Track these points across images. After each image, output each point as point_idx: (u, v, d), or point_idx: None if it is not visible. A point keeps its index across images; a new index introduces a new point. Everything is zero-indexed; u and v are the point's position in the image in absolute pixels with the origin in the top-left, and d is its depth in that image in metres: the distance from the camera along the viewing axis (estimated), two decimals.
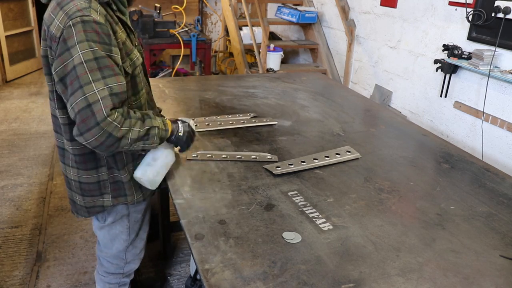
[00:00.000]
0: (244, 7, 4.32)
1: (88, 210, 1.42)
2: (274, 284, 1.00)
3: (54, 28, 1.14)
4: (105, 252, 1.60)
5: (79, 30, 1.11)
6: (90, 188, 1.37)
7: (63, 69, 1.12)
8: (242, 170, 1.55)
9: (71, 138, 1.27)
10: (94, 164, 1.34)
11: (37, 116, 4.52)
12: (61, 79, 1.14)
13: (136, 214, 1.54)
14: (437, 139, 1.99)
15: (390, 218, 1.31)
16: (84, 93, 1.10)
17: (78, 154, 1.32)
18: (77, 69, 1.10)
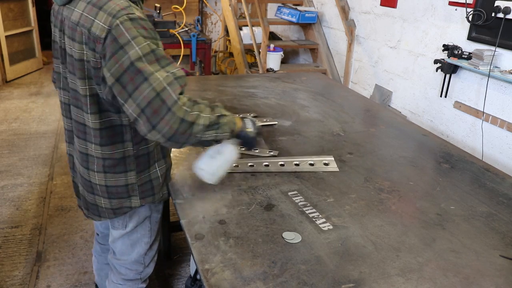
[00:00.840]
0: (244, 7, 4.32)
1: (114, 212, 1.40)
2: (274, 284, 1.00)
3: (97, 29, 1.12)
4: (123, 260, 1.54)
5: (129, 27, 1.11)
6: (118, 191, 1.35)
7: (119, 68, 1.10)
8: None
9: (104, 142, 1.27)
10: (123, 168, 1.32)
11: (37, 116, 4.53)
12: (117, 79, 1.11)
13: (157, 214, 1.52)
14: (437, 139, 1.99)
15: (390, 218, 1.31)
16: (150, 83, 1.10)
17: (108, 158, 1.30)
18: (137, 64, 1.10)
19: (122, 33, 1.10)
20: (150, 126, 1.12)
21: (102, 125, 1.25)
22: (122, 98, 1.13)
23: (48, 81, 5.81)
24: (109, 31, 1.10)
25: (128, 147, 1.31)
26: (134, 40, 1.10)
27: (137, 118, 1.13)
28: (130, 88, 1.11)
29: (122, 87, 1.12)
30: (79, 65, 1.19)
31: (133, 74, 1.10)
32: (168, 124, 1.12)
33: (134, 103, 1.11)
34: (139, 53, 1.10)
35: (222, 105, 1.31)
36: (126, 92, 1.12)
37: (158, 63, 1.14)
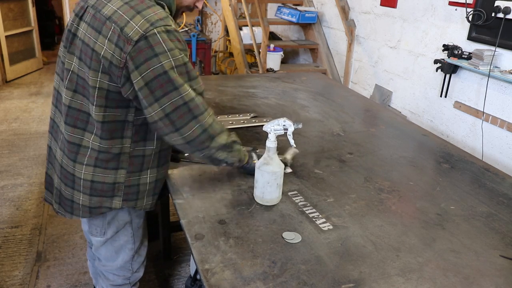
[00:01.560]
0: (244, 7, 4.32)
1: (90, 210, 1.36)
2: (274, 284, 1.00)
3: (131, 31, 1.14)
4: (109, 266, 1.54)
5: (165, 39, 1.16)
6: (103, 188, 1.34)
7: (150, 74, 1.15)
8: (242, 170, 1.55)
9: (105, 136, 1.27)
10: (116, 165, 1.32)
11: (37, 116, 4.53)
12: (147, 83, 1.16)
13: (138, 220, 1.50)
14: (437, 139, 1.99)
15: (390, 218, 1.31)
16: (180, 93, 1.18)
17: (104, 151, 1.29)
18: (169, 74, 1.16)
19: (159, 42, 1.15)
20: (174, 128, 1.21)
21: (105, 119, 1.25)
22: (148, 101, 1.18)
23: (48, 81, 5.81)
24: (143, 36, 1.14)
25: (126, 144, 1.30)
26: (170, 52, 1.16)
27: (157, 120, 1.20)
28: (158, 94, 1.17)
29: (150, 92, 1.17)
30: (96, 57, 1.19)
31: (163, 82, 1.16)
32: (192, 129, 1.22)
33: (159, 107, 1.18)
34: (172, 64, 1.17)
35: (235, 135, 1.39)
36: (153, 96, 1.17)
37: (187, 75, 1.21)
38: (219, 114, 2.09)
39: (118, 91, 1.21)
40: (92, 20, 1.21)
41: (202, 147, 1.27)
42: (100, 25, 1.18)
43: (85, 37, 1.22)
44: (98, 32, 1.19)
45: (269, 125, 1.34)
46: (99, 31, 1.18)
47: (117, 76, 1.18)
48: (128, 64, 1.15)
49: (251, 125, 1.97)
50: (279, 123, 1.34)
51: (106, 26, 1.17)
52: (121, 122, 1.27)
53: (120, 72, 1.17)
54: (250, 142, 1.80)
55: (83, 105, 1.27)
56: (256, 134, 1.89)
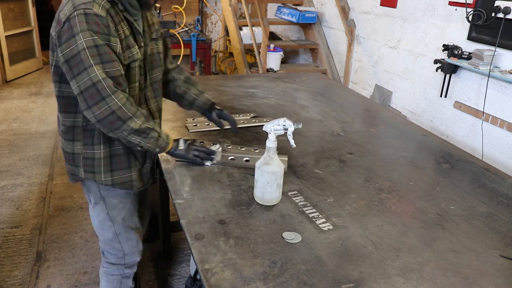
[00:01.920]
0: (244, 7, 4.32)
1: (72, 177, 1.55)
2: (274, 284, 1.00)
3: (62, 15, 1.30)
4: (102, 241, 1.68)
5: (81, 21, 1.27)
6: (68, 157, 1.51)
7: (69, 52, 1.29)
8: (242, 170, 1.55)
9: (61, 110, 1.45)
10: (72, 137, 1.47)
11: (37, 116, 4.53)
12: (66, 61, 1.30)
13: (111, 199, 1.58)
14: (437, 139, 1.99)
15: (390, 218, 1.31)
16: (88, 74, 1.28)
17: (62, 124, 1.47)
18: (81, 54, 1.28)
19: (75, 24, 1.28)
20: (86, 105, 1.32)
21: (60, 94, 1.43)
22: (68, 77, 1.32)
23: (48, 81, 5.81)
24: (67, 19, 1.28)
25: (79, 118, 1.44)
26: (82, 33, 1.28)
27: (76, 96, 1.33)
28: (74, 71, 1.30)
29: (69, 68, 1.31)
30: (51, 39, 1.37)
31: (77, 61, 1.29)
32: (100, 109, 1.31)
33: (76, 84, 1.31)
34: (84, 45, 1.28)
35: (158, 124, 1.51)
36: (71, 73, 1.31)
37: (99, 57, 1.30)
38: None
39: None
40: None
41: (113, 127, 1.35)
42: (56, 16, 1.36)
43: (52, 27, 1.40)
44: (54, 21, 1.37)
45: (269, 125, 1.34)
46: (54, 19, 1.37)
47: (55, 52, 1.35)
48: (57, 42, 1.31)
49: (251, 125, 1.97)
50: (279, 123, 1.34)
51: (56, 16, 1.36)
52: (74, 98, 1.38)
53: (55, 48, 1.34)
54: (250, 142, 1.80)
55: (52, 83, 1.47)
56: (256, 134, 1.89)
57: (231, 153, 1.66)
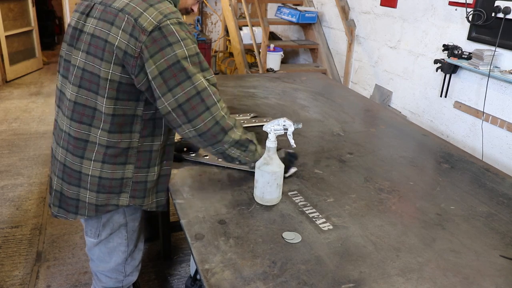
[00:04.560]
0: (244, 7, 4.32)
1: (97, 208, 1.35)
2: (274, 284, 1.00)
3: (145, 22, 1.17)
4: (102, 267, 1.52)
5: (179, 30, 1.19)
6: (111, 184, 1.32)
7: (164, 63, 1.17)
8: (242, 170, 1.55)
9: (113, 130, 1.26)
10: (124, 160, 1.31)
11: (37, 116, 4.53)
12: (161, 73, 1.18)
13: (133, 223, 1.49)
14: (437, 139, 1.99)
15: (390, 218, 1.31)
16: (192, 82, 1.19)
17: (112, 146, 1.28)
18: (182, 63, 1.18)
19: (172, 32, 1.18)
20: (186, 119, 1.21)
21: (116, 112, 1.25)
22: (161, 91, 1.19)
23: (48, 81, 5.81)
24: (157, 27, 1.16)
25: (134, 138, 1.30)
26: (183, 41, 1.19)
27: (170, 111, 1.21)
28: (171, 83, 1.18)
29: (163, 81, 1.18)
30: (109, 48, 1.20)
31: (176, 71, 1.18)
32: (204, 121, 1.22)
33: (172, 97, 1.19)
34: (186, 53, 1.19)
35: (255, 135, 1.40)
36: (166, 86, 1.18)
37: (200, 66, 1.23)
38: None
39: (130, 83, 1.22)
40: (102, 14, 1.23)
41: (215, 140, 1.26)
42: (112, 17, 1.20)
43: (95, 30, 1.23)
44: (111, 24, 1.20)
45: (269, 125, 1.34)
46: (111, 22, 1.20)
47: (131, 66, 1.19)
48: (143, 53, 1.17)
49: (251, 125, 1.97)
50: (279, 123, 1.34)
51: (119, 18, 1.19)
52: (131, 116, 1.27)
53: (135, 61, 1.18)
54: None
55: (89, 100, 1.26)
56: (256, 134, 1.88)
57: None
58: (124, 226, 1.46)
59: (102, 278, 1.55)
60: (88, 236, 1.46)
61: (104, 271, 1.53)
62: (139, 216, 1.50)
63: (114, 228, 1.44)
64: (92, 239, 1.46)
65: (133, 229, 1.49)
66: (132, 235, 1.50)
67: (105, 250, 1.48)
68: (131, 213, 1.45)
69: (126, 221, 1.45)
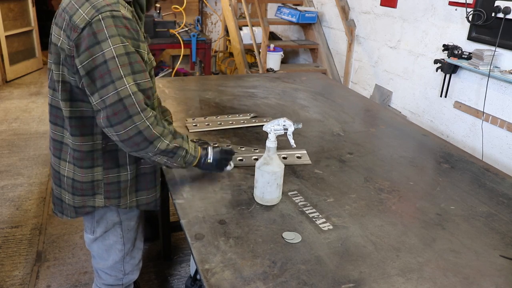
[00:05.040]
0: (244, 7, 4.32)
1: (76, 210, 1.35)
2: (274, 284, 1.00)
3: (78, 19, 1.12)
4: (102, 264, 1.53)
5: (109, 25, 1.11)
6: (82, 187, 1.31)
7: (91, 63, 1.11)
8: (242, 170, 1.55)
9: (74, 132, 1.25)
10: (91, 163, 1.29)
11: (37, 116, 4.53)
12: (87, 73, 1.12)
13: (129, 222, 1.48)
14: (437, 139, 1.99)
15: (390, 218, 1.31)
16: (115, 87, 1.11)
17: (78, 150, 1.27)
18: (109, 63, 1.11)
19: (101, 29, 1.10)
20: (109, 123, 1.14)
21: (72, 114, 1.23)
22: (90, 90, 1.15)
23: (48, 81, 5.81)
24: (88, 23, 1.10)
25: (98, 140, 1.27)
26: (111, 39, 1.11)
27: (100, 110, 1.15)
28: (98, 84, 1.12)
29: (91, 81, 1.13)
30: (55, 50, 1.20)
31: (103, 72, 1.11)
32: (125, 129, 1.14)
33: (99, 98, 1.13)
34: (113, 53, 1.11)
35: (186, 136, 1.33)
36: (94, 86, 1.13)
37: (130, 67, 1.14)
38: (219, 114, 2.09)
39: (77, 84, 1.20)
40: (56, 18, 1.23)
41: (137, 148, 1.19)
42: (59, 19, 1.20)
43: (51, 35, 1.24)
44: (56, 25, 1.20)
45: (269, 125, 1.34)
46: (57, 24, 1.20)
47: (70, 65, 1.17)
48: (74, 52, 1.13)
49: (251, 125, 1.97)
50: (279, 123, 1.34)
51: (62, 18, 1.18)
52: (90, 118, 1.25)
53: (72, 61, 1.15)
54: (250, 142, 1.80)
55: (55, 100, 1.27)
56: (256, 134, 1.89)
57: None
58: (118, 225, 1.46)
59: (102, 275, 1.57)
60: (86, 232, 1.49)
61: (103, 269, 1.55)
62: (136, 215, 1.50)
63: (108, 226, 1.45)
64: (89, 235, 1.48)
65: (129, 228, 1.49)
66: (128, 233, 1.50)
67: (102, 247, 1.49)
68: (125, 212, 1.45)
69: (120, 219, 1.45)
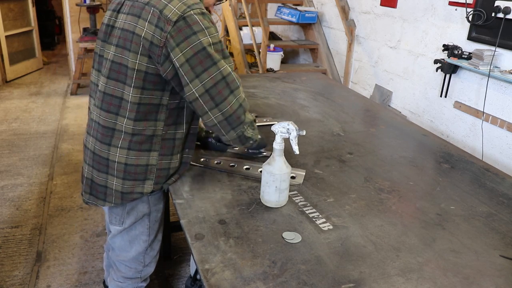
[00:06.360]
0: (244, 7, 4.32)
1: (122, 196, 1.41)
2: (274, 284, 1.00)
3: (170, 13, 1.23)
4: (122, 256, 1.57)
5: (202, 19, 1.25)
6: (136, 171, 1.38)
7: (190, 51, 1.23)
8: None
9: (139, 118, 1.33)
10: (149, 147, 1.37)
11: (37, 116, 4.53)
12: (187, 60, 1.24)
13: (157, 214, 1.54)
14: (437, 139, 1.99)
15: (390, 218, 1.31)
16: (218, 68, 1.26)
17: (137, 134, 1.35)
18: (208, 49, 1.24)
19: (196, 21, 1.24)
20: (214, 103, 1.27)
21: (141, 100, 1.32)
22: (188, 77, 1.25)
23: (48, 81, 5.81)
24: (181, 17, 1.23)
25: (159, 127, 1.36)
26: (207, 30, 1.25)
27: (198, 97, 1.26)
28: (198, 69, 1.24)
29: (190, 68, 1.24)
30: (136, 39, 1.27)
31: (203, 58, 1.24)
32: (230, 103, 1.29)
33: (200, 83, 1.25)
34: (210, 40, 1.25)
35: None
36: (193, 72, 1.24)
37: (222, 53, 1.30)
38: None
39: (155, 73, 1.29)
40: (131, 9, 1.31)
41: (238, 122, 1.33)
42: (139, 11, 1.28)
43: (125, 24, 1.31)
44: (137, 17, 1.28)
45: (276, 126, 1.34)
46: (138, 15, 1.28)
47: (157, 55, 1.25)
48: (169, 43, 1.23)
49: None
50: (284, 125, 1.34)
51: (145, 11, 1.27)
52: (156, 105, 1.34)
53: (160, 51, 1.24)
54: None
55: (116, 90, 1.34)
56: None
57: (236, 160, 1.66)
58: (147, 216, 1.51)
59: (121, 268, 1.60)
60: (113, 224, 1.52)
61: (124, 261, 1.58)
62: (162, 207, 1.56)
63: (138, 217, 1.50)
64: (117, 226, 1.51)
65: (156, 219, 1.55)
66: (154, 225, 1.55)
67: (127, 238, 1.53)
68: (155, 203, 1.51)
69: (150, 210, 1.51)
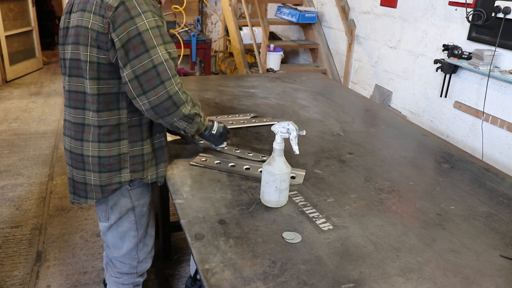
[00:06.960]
0: (244, 7, 4.32)
1: (102, 189, 1.42)
2: (274, 284, 1.00)
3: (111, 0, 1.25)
4: (116, 253, 1.59)
5: (140, 3, 1.26)
6: (110, 162, 1.40)
7: (126, 36, 1.24)
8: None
9: (101, 108, 1.35)
10: (117, 136, 1.38)
11: (37, 116, 4.53)
12: (123, 45, 1.25)
13: (141, 208, 1.54)
14: (437, 139, 1.99)
15: (390, 218, 1.31)
16: (150, 56, 1.25)
17: (104, 125, 1.36)
18: (143, 35, 1.24)
19: (134, 6, 1.24)
20: (141, 91, 1.27)
21: (100, 91, 1.34)
22: (122, 62, 1.26)
23: (48, 81, 5.81)
24: (122, 2, 1.24)
25: (123, 115, 1.38)
26: (144, 14, 1.25)
27: (127, 82, 1.27)
28: (131, 55, 1.25)
29: (124, 53, 1.25)
30: (84, 32, 1.29)
31: (136, 44, 1.24)
32: (157, 94, 1.27)
33: (130, 68, 1.25)
34: (146, 25, 1.25)
35: (200, 106, 1.48)
36: (127, 57, 1.25)
37: (161, 38, 1.28)
38: (219, 114, 2.09)
39: (107, 62, 1.30)
40: (79, 6, 1.33)
41: (166, 113, 1.32)
42: (85, 5, 1.31)
43: (75, 21, 1.33)
44: (84, 11, 1.30)
45: (277, 126, 1.34)
46: (84, 9, 1.30)
47: (104, 42, 1.27)
48: (110, 28, 1.25)
49: (251, 125, 1.97)
50: (284, 125, 1.34)
51: (89, 3, 1.29)
52: (115, 94, 1.35)
53: (106, 37, 1.27)
54: (250, 142, 1.80)
55: (78, 85, 1.36)
56: (256, 134, 1.89)
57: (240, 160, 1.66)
58: (132, 210, 1.52)
59: (117, 264, 1.63)
60: (100, 221, 1.55)
61: (118, 257, 1.61)
62: (147, 201, 1.56)
63: (122, 212, 1.51)
64: (104, 223, 1.54)
65: (141, 213, 1.56)
66: (140, 219, 1.56)
67: (116, 234, 1.56)
68: (138, 198, 1.52)
69: (133, 205, 1.52)
